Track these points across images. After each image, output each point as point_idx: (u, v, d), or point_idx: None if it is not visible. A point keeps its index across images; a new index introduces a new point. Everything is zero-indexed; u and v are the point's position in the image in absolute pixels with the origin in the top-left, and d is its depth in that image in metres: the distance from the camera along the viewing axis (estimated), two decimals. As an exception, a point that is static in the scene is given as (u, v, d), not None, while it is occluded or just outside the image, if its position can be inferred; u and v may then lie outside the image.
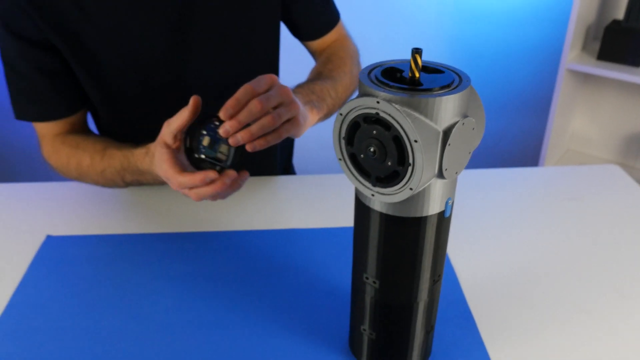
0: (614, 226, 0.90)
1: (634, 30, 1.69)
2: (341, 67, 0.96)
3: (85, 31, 0.81)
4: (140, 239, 0.86)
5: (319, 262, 0.81)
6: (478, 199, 0.97)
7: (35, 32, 0.80)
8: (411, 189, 0.50)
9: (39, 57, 0.83)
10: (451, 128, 0.49)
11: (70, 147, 0.88)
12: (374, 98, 0.48)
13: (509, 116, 2.27)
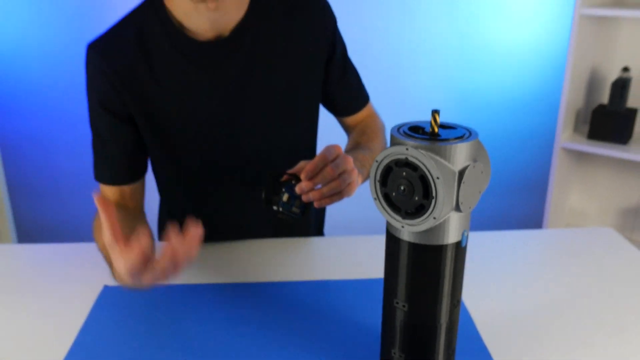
0: (609, 280, 1.00)
1: (618, 113, 1.86)
2: (374, 139, 1.12)
3: (161, 105, 0.96)
4: (192, 289, 0.96)
5: (350, 309, 0.91)
6: (489, 256, 1.08)
7: (121, 106, 0.95)
8: (435, 218, 0.62)
9: (120, 127, 0.97)
10: (465, 169, 0.62)
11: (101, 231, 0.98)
12: (404, 146, 0.61)
13: (510, 197, 2.41)
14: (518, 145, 2.36)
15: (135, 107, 0.96)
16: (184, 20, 0.92)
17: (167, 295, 0.95)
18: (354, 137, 1.13)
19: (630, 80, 1.88)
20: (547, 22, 2.21)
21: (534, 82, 2.27)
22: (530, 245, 1.13)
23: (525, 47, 2.24)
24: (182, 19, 0.92)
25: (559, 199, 2.07)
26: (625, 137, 1.87)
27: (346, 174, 0.86)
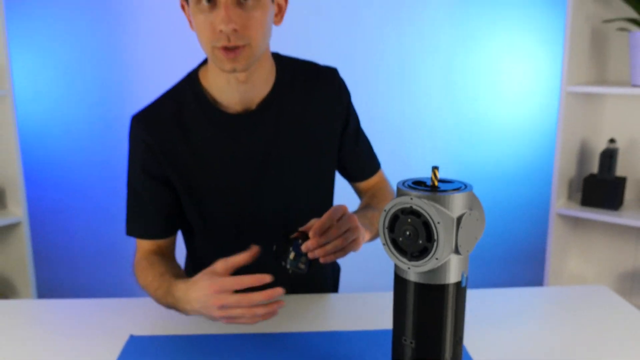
0: (603, 333, 1.06)
1: (607, 181, 1.96)
2: (384, 201, 1.23)
3: (195, 170, 1.06)
4: (214, 339, 1.01)
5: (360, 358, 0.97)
6: (491, 310, 1.14)
7: (160, 171, 1.06)
8: (437, 259, 0.70)
9: (158, 188, 1.07)
10: (462, 216, 0.70)
11: (148, 264, 1.08)
12: (409, 196, 0.70)
13: (511, 266, 2.47)
14: (516, 215, 2.44)
15: (172, 171, 1.06)
16: (217, 95, 1.05)
17: (190, 343, 1.00)
18: (366, 199, 1.23)
19: (617, 151, 1.99)
20: (537, 99, 2.36)
21: (528, 155, 2.39)
22: (529, 301, 1.20)
23: (518, 123, 2.37)
24: (215, 94, 1.05)
25: (558, 264, 2.13)
26: (616, 203, 1.96)
27: (350, 232, 0.96)
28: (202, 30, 0.94)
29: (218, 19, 0.92)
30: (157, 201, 1.08)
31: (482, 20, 2.32)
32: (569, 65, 1.95)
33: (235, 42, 0.93)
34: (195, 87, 1.06)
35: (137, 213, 1.10)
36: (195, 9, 0.94)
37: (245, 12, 0.93)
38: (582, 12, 2.00)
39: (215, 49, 0.95)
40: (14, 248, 2.10)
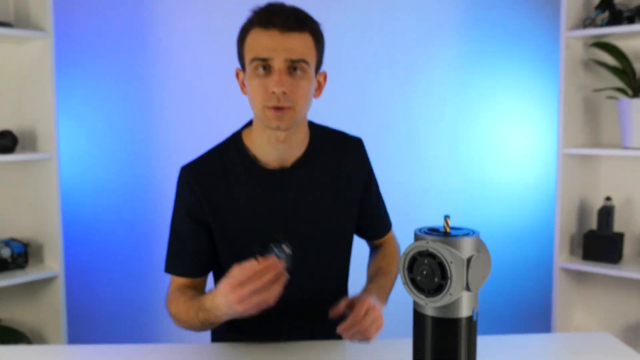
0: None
1: (606, 237, 2.07)
2: (393, 263, 1.37)
3: (233, 217, 1.18)
4: None
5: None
6: (501, 357, 1.23)
7: (202, 215, 1.18)
8: (451, 294, 0.81)
9: (199, 232, 1.19)
10: (471, 257, 0.82)
11: (180, 293, 1.18)
12: (425, 241, 0.82)
13: (518, 326, 2.51)
14: (521, 273, 2.52)
15: (212, 217, 1.19)
16: (257, 152, 1.20)
17: None
18: (377, 260, 1.37)
19: (614, 208, 2.10)
20: (537, 161, 2.49)
21: (531, 213, 2.49)
22: (538, 347, 1.28)
23: (520, 183, 2.50)
24: (256, 151, 1.20)
25: (564, 317, 2.20)
26: (615, 257, 2.05)
27: (374, 324, 1.12)
28: (256, 92, 1.11)
29: (272, 82, 1.08)
30: (196, 243, 1.20)
31: (483, 90, 2.49)
32: (564, 130, 2.10)
33: (284, 103, 1.09)
34: (238, 145, 1.22)
35: (177, 252, 1.22)
36: (252, 74, 1.11)
37: (294, 80, 1.10)
38: (574, 82, 2.16)
39: (265, 108, 1.11)
40: (48, 301, 2.20)
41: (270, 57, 1.08)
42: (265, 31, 1.09)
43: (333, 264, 1.30)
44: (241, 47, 1.15)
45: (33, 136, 2.19)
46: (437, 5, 2.47)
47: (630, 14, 2.04)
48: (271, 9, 1.11)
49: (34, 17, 2.10)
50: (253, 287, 0.96)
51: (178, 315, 1.16)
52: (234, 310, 0.99)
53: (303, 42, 1.10)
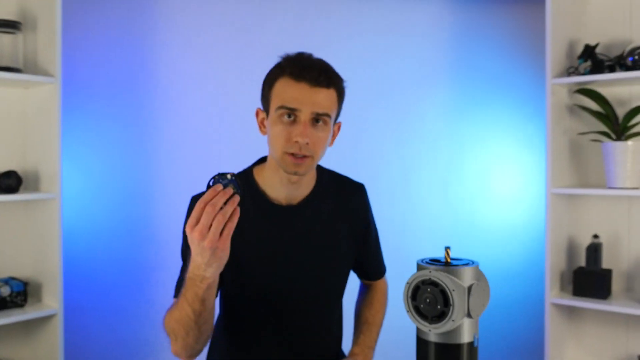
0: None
1: (595, 273, 2.11)
2: (379, 312, 1.43)
3: (241, 248, 1.21)
4: None
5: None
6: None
7: None
8: (453, 321, 0.85)
9: None
10: (471, 286, 0.86)
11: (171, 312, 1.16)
12: (428, 270, 0.87)
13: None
14: (513, 310, 2.55)
15: None
16: (267, 189, 1.25)
17: None
18: (364, 310, 1.43)
19: (601, 245, 2.15)
20: (526, 201, 2.56)
21: (521, 252, 2.55)
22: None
23: (510, 223, 2.56)
24: (266, 188, 1.25)
25: (557, 352, 2.21)
26: (604, 293, 2.10)
27: None
28: (279, 138, 1.16)
29: (296, 132, 1.14)
30: None
31: (473, 133, 2.58)
32: (552, 170, 2.17)
33: (305, 152, 1.15)
34: (249, 180, 1.27)
35: (184, 277, 1.22)
36: (278, 120, 1.16)
37: (316, 132, 1.16)
38: (560, 126, 2.25)
39: (285, 154, 1.16)
40: (46, 339, 2.19)
41: (299, 108, 1.14)
42: (296, 83, 1.15)
43: (330, 296, 1.35)
44: (268, 91, 1.20)
45: (36, 176, 2.23)
46: (430, 53, 2.58)
47: (610, 63, 2.15)
48: (303, 62, 1.17)
49: (42, 63, 2.17)
50: (207, 216, 0.94)
51: (171, 321, 1.11)
52: (206, 253, 0.96)
53: (329, 97, 1.17)
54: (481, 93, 2.57)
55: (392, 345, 2.38)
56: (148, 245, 2.54)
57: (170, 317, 1.12)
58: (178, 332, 1.10)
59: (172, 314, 1.12)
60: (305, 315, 1.30)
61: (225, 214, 0.95)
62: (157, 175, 2.54)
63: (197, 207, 0.95)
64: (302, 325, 1.30)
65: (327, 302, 1.34)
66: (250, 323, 1.28)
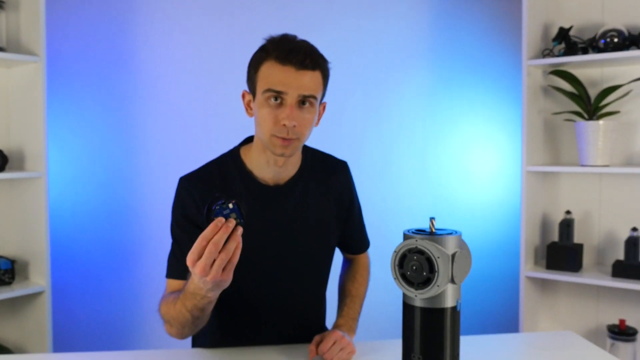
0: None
1: (567, 247, 2.20)
2: (362, 285, 1.47)
3: None
4: None
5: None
6: (475, 354, 1.31)
7: (198, 218, 1.23)
8: (438, 286, 0.90)
9: (195, 234, 1.17)
10: (455, 253, 0.91)
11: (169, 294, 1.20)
12: (414, 239, 0.91)
13: (487, 333, 2.62)
14: (490, 285, 2.64)
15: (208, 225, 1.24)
16: (255, 170, 1.27)
17: None
18: (347, 283, 1.46)
19: (573, 221, 2.24)
20: (501, 180, 2.63)
21: (497, 229, 2.62)
22: (507, 345, 1.37)
23: (486, 201, 2.63)
24: (253, 169, 1.27)
25: (530, 322, 2.30)
26: (576, 266, 2.18)
27: (343, 351, 1.23)
28: (266, 121, 1.17)
29: (283, 115, 1.15)
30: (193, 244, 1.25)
31: (451, 114, 2.63)
32: (528, 149, 2.24)
33: (291, 135, 1.17)
34: (236, 161, 1.28)
35: (176, 257, 1.25)
36: (264, 102, 1.17)
37: (302, 114, 1.18)
38: (535, 107, 2.32)
39: (273, 137, 1.17)
40: (34, 317, 2.20)
41: (285, 91, 1.15)
42: (282, 66, 1.15)
43: (318, 272, 1.39)
44: (254, 73, 1.20)
45: (21, 155, 2.22)
46: (408, 35, 2.61)
47: (583, 45, 2.22)
48: (289, 45, 1.17)
49: (26, 42, 2.15)
50: (209, 255, 0.94)
51: (168, 313, 1.15)
52: (207, 284, 0.98)
53: (314, 79, 1.18)
54: (459, 74, 2.62)
55: (373, 317, 2.45)
56: (131, 225, 2.55)
57: (167, 310, 1.16)
58: (174, 323, 1.15)
59: (168, 309, 1.15)
60: (295, 291, 1.33)
61: (229, 252, 0.95)
62: (140, 155, 2.54)
63: (199, 243, 0.94)
64: (292, 300, 1.34)
65: (316, 277, 1.38)
66: (241, 300, 1.31)
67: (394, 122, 2.62)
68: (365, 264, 1.53)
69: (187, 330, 1.17)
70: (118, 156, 2.53)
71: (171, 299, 1.16)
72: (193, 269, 0.96)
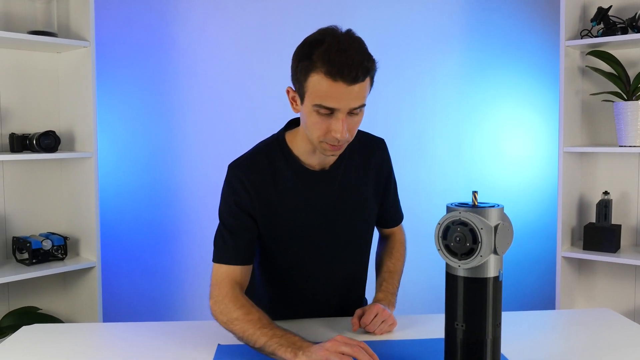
0: (607, 343, 1.25)
1: (603, 229, 2.18)
2: (400, 260, 1.50)
3: (279, 211, 1.27)
4: None
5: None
6: (514, 329, 1.33)
7: (251, 207, 1.26)
8: (481, 256, 0.92)
9: (246, 220, 1.26)
10: (497, 225, 0.93)
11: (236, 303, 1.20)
12: (458, 212, 0.93)
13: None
14: (527, 264, 2.63)
15: (260, 210, 1.27)
16: (301, 156, 1.29)
17: None
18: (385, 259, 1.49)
19: (611, 202, 2.21)
20: (537, 162, 2.61)
21: (534, 209, 2.61)
22: (545, 321, 1.38)
23: (522, 182, 2.61)
24: (299, 155, 1.29)
25: (567, 302, 2.30)
26: (613, 247, 2.16)
27: (385, 323, 1.27)
28: (316, 128, 1.15)
29: (334, 127, 1.13)
30: (244, 230, 1.27)
31: (486, 95, 2.61)
32: (565, 130, 2.21)
33: (342, 143, 1.17)
34: (282, 147, 1.30)
35: (225, 242, 1.27)
36: (314, 112, 1.14)
37: (352, 119, 1.16)
38: (572, 87, 2.28)
39: (323, 143, 1.17)
40: (84, 290, 2.30)
41: (337, 107, 1.12)
42: (333, 82, 1.09)
43: (360, 247, 1.42)
44: (303, 81, 1.14)
45: (71, 137, 2.30)
46: (443, 17, 2.60)
47: (623, 25, 2.17)
48: (339, 59, 1.08)
49: (75, 28, 2.22)
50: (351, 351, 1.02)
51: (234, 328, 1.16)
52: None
53: (363, 88, 1.13)
54: (494, 56, 2.59)
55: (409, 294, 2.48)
56: (173, 206, 2.62)
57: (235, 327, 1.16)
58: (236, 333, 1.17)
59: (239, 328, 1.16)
60: (339, 265, 1.38)
61: None
62: (182, 138, 2.60)
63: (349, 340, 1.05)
64: (336, 274, 1.38)
65: (357, 252, 1.42)
66: (290, 275, 1.36)
67: (429, 105, 2.62)
68: (402, 240, 1.55)
69: None
70: (161, 139, 2.60)
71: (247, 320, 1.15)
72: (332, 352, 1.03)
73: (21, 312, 2.19)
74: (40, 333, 1.29)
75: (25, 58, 2.24)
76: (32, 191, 2.30)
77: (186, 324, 1.35)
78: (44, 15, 2.11)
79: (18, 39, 2.02)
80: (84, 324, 1.42)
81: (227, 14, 2.57)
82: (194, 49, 2.57)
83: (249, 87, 2.59)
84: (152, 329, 1.31)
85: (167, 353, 1.17)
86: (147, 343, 1.22)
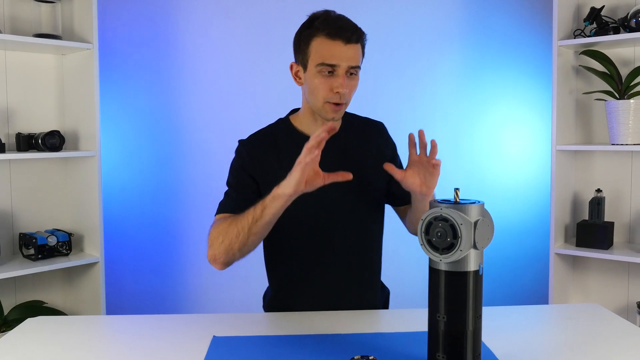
0: (596, 337, 1.27)
1: (596, 226, 2.20)
2: None
3: (279, 175, 1.28)
4: (290, 339, 1.19)
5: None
6: (503, 322, 1.36)
7: (254, 172, 1.35)
8: (461, 251, 0.95)
9: (249, 181, 1.35)
10: (477, 221, 0.96)
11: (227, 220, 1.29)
12: (440, 208, 0.96)
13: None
14: (521, 261, 2.65)
15: (262, 178, 1.36)
16: (304, 130, 1.40)
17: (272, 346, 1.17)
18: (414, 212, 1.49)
19: (604, 199, 2.23)
20: (533, 159, 2.63)
21: (528, 206, 2.63)
22: (534, 316, 1.40)
23: (518, 179, 2.63)
24: (302, 129, 1.40)
25: (559, 298, 2.32)
26: (606, 244, 2.18)
27: (432, 177, 1.39)
28: (319, 89, 1.30)
29: (336, 84, 1.29)
30: (245, 188, 1.37)
31: (483, 94, 2.64)
32: (558, 129, 2.24)
33: (342, 100, 1.31)
34: (287, 124, 1.43)
35: (229, 197, 1.37)
36: (318, 74, 1.29)
37: (350, 81, 1.32)
38: (566, 86, 2.31)
39: (326, 103, 1.31)
40: (88, 285, 2.34)
41: (337, 64, 1.28)
42: (332, 41, 1.28)
43: (364, 224, 1.44)
44: (305, 48, 1.31)
45: (75, 136, 2.34)
46: (440, 16, 2.62)
47: (615, 24, 2.19)
48: (336, 22, 1.29)
49: (79, 30, 2.26)
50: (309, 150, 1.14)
51: (221, 232, 1.25)
52: (296, 180, 1.15)
53: (357, 51, 1.31)
54: (490, 55, 2.62)
55: (400, 290, 2.51)
56: (175, 203, 2.66)
57: (218, 230, 1.27)
58: (226, 234, 1.25)
59: (221, 229, 1.26)
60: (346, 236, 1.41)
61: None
62: (184, 137, 2.64)
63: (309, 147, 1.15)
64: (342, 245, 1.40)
65: (362, 230, 1.44)
66: (296, 248, 1.41)
67: (427, 103, 2.65)
68: None
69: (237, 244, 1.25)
70: (163, 138, 2.64)
71: (229, 220, 1.26)
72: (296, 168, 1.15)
73: (27, 306, 2.24)
74: (44, 325, 1.33)
75: (31, 60, 2.29)
76: (37, 189, 2.35)
77: (183, 316, 1.38)
78: (48, 18, 2.16)
79: (24, 42, 2.06)
80: (84, 316, 1.45)
81: (230, 14, 2.60)
82: (197, 50, 2.61)
83: (252, 87, 2.63)
84: (150, 321, 1.35)
85: (164, 344, 1.20)
86: (145, 334, 1.26)
